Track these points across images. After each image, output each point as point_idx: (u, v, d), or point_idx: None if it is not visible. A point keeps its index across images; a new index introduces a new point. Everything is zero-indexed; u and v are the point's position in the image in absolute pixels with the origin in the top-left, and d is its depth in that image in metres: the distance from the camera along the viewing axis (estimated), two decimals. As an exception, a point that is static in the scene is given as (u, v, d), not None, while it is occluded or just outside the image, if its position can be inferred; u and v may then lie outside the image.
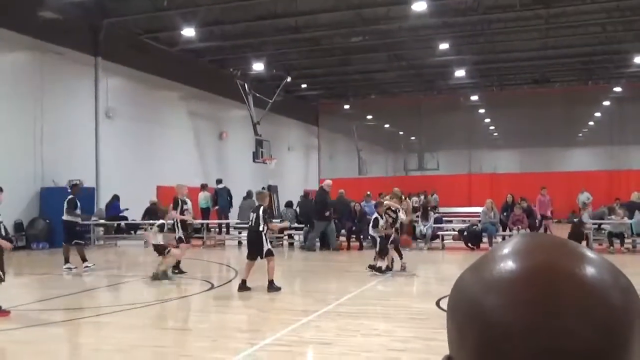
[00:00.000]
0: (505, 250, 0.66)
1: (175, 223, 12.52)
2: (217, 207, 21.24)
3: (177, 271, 12.39)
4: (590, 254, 0.65)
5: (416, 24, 22.69)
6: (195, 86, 26.72)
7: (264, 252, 10.02)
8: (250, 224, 10.27)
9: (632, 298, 0.62)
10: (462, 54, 26.54)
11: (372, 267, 11.84)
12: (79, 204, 13.26)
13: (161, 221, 11.75)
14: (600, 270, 0.62)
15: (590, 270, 0.62)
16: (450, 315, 0.67)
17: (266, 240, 10.11)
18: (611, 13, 21.85)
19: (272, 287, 9.93)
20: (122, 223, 20.47)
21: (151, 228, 13.23)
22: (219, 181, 21.38)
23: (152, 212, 20.48)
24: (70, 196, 13.30)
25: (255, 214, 10.18)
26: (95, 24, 21.11)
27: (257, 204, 10.60)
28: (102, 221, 20.15)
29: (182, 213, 12.60)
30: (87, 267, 12.83)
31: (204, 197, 21.40)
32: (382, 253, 11.89)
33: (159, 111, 24.74)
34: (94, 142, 21.29)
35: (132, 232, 20.80)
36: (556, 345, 0.57)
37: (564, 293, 0.59)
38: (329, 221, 17.73)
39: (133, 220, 20.56)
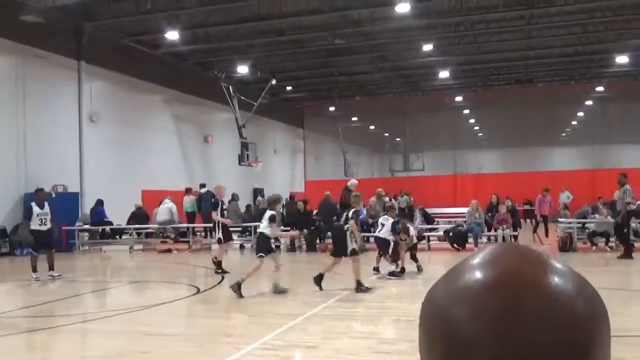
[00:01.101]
0: (474, 261, 0.68)
1: (217, 224, 13.09)
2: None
3: (220, 271, 12.70)
4: (555, 263, 0.66)
5: (400, 26, 22.76)
6: (180, 89, 26.63)
7: (349, 251, 10.23)
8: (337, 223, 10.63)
9: (596, 307, 0.64)
10: (445, 55, 26.67)
11: (391, 274, 11.89)
12: (35, 211, 12.56)
13: (271, 212, 11.17)
14: (564, 279, 0.64)
15: (554, 280, 0.63)
16: (420, 324, 0.68)
17: (351, 239, 10.29)
18: (592, 14, 22.06)
19: (359, 288, 9.96)
20: (107, 228, 20.33)
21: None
22: (202, 185, 21.29)
23: (137, 217, 20.38)
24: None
25: (345, 214, 10.50)
26: (78, 28, 20.99)
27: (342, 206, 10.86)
28: (86, 226, 20.00)
29: (222, 213, 13.24)
30: (37, 278, 12.40)
31: (189, 201, 21.30)
32: (395, 256, 12.03)
33: (144, 115, 24.63)
34: (77, 147, 21.15)
35: (117, 237, 20.66)
36: (520, 353, 0.59)
37: (528, 302, 0.61)
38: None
39: (118, 225, 20.43)
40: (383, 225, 12.24)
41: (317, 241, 18.53)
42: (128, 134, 23.43)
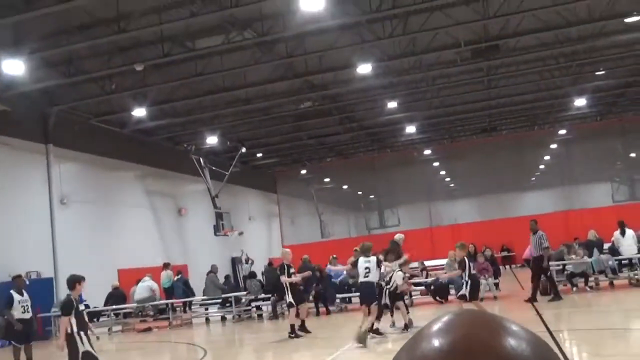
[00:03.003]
0: (431, 330, 0.70)
1: (286, 288, 13.21)
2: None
3: (292, 335, 12.68)
4: (510, 325, 0.69)
5: (363, 86, 23.25)
6: (150, 165, 26.60)
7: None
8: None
9: None
10: (410, 110, 27.19)
11: (374, 332, 11.72)
12: (16, 298, 12.10)
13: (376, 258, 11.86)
14: (518, 340, 0.66)
15: (509, 341, 0.65)
16: None
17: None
18: (546, 61, 22.81)
19: None
20: (85, 311, 19.80)
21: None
22: (178, 272, 21.02)
23: (115, 297, 19.97)
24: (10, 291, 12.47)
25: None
26: (44, 112, 21.02)
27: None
28: (62, 311, 19.48)
29: (289, 276, 13.28)
30: None
31: (166, 276, 21.02)
32: (379, 313, 11.91)
33: (115, 193, 24.46)
34: (49, 231, 20.81)
35: (95, 319, 20.15)
36: None
37: None
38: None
39: (95, 307, 19.97)
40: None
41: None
42: (100, 214, 23.19)
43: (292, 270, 13.51)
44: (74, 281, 8.70)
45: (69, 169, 21.96)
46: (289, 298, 13.28)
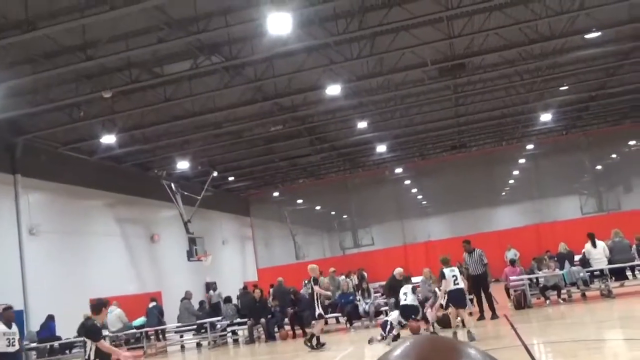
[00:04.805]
0: (391, 355, 0.73)
1: (317, 299, 13.84)
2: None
3: (318, 344, 13.45)
4: (467, 349, 0.71)
5: (333, 107, 23.40)
6: (121, 192, 26.28)
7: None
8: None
9: None
10: (380, 130, 27.41)
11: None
12: (1, 330, 11.78)
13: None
14: None
15: None
16: None
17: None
18: (511, 78, 23.23)
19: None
20: (56, 343, 19.41)
21: None
22: (153, 299, 20.77)
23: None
24: None
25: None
26: (10, 142, 20.71)
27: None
28: (33, 344, 19.05)
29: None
30: None
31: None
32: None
33: (86, 222, 24.09)
34: (19, 262, 20.37)
35: (67, 351, 19.74)
36: None
37: None
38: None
39: (67, 339, 19.56)
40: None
41: (276, 329, 18.19)
42: (71, 243, 22.80)
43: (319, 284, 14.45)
44: (102, 305, 8.47)
45: (38, 198, 21.62)
46: (319, 310, 13.86)
